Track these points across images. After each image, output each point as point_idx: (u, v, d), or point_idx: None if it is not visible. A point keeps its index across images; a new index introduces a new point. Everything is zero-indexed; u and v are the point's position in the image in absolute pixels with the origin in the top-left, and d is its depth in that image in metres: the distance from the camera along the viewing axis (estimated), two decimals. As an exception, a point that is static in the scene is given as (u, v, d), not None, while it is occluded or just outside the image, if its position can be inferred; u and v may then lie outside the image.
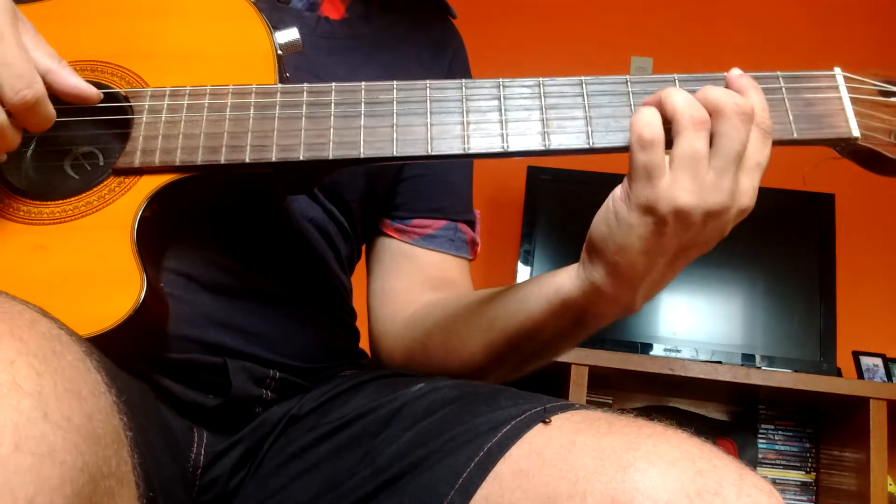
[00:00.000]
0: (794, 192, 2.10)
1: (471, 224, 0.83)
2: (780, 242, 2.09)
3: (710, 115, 0.53)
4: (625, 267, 0.54)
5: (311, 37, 0.72)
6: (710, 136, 0.53)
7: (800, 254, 2.09)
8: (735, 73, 0.56)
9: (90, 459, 0.35)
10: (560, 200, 2.13)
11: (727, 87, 0.56)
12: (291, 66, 0.65)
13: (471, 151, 0.57)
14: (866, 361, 2.02)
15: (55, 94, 0.55)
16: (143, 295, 0.53)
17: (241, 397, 0.63)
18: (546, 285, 0.60)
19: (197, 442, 0.61)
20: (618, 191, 0.55)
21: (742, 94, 0.54)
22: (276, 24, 0.63)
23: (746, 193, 0.54)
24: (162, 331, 0.59)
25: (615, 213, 0.54)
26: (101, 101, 0.59)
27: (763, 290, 2.08)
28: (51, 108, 0.54)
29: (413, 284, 0.78)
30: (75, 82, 0.56)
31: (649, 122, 0.52)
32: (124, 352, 0.53)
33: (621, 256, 0.54)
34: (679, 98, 0.53)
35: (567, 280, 0.59)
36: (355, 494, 0.54)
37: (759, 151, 0.54)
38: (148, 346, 0.59)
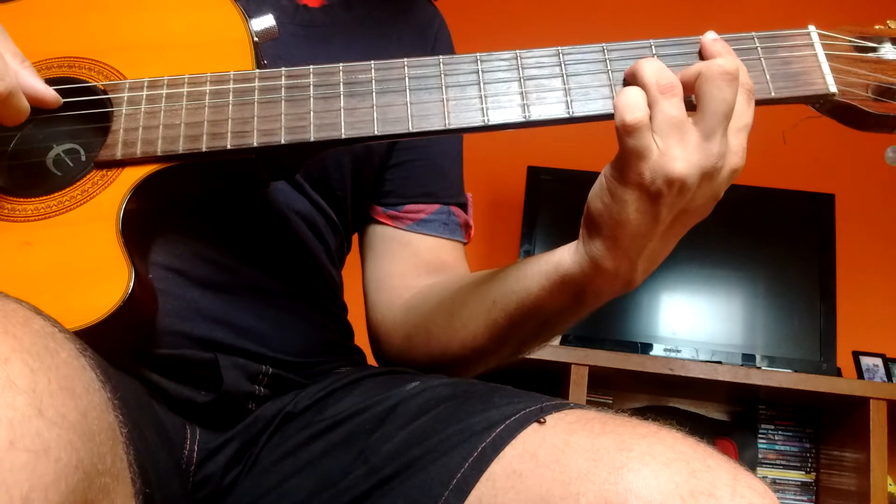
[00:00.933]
0: (794, 192, 2.10)
1: (463, 207, 0.83)
2: (780, 242, 2.09)
3: (697, 78, 0.53)
4: (623, 240, 0.54)
5: (290, 25, 0.72)
6: (697, 98, 0.53)
7: (800, 254, 2.08)
8: (709, 36, 0.57)
9: (85, 456, 0.35)
10: (560, 200, 2.12)
11: (701, 49, 0.56)
12: (271, 55, 0.65)
13: (451, 127, 0.57)
14: (866, 361, 2.01)
15: None
16: (131, 285, 0.53)
17: (233, 393, 0.63)
18: (545, 262, 0.60)
19: (190, 438, 0.61)
20: (608, 168, 0.55)
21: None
22: (253, 14, 0.64)
23: (737, 153, 0.54)
24: (151, 324, 0.59)
25: (609, 191, 0.54)
26: (80, 96, 0.59)
27: (763, 290, 2.08)
28: (24, 102, 0.54)
29: (408, 269, 0.78)
30: (34, 83, 0.56)
31: (631, 104, 0.52)
32: (115, 346, 0.53)
33: (619, 230, 0.54)
34: (648, 69, 0.53)
35: (567, 256, 0.59)
36: (350, 493, 0.54)
37: (745, 112, 0.54)
38: (138, 339, 0.59)
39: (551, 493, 0.45)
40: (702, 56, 0.57)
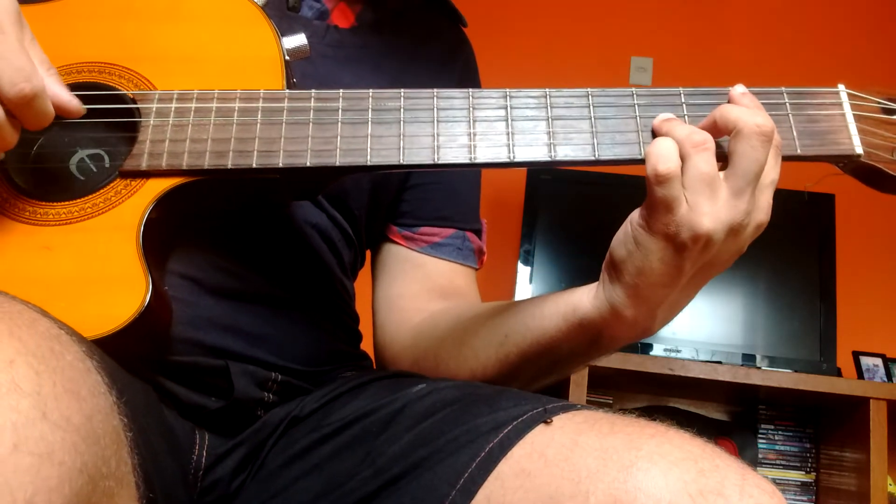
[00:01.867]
0: (794, 192, 2.10)
1: (478, 233, 0.83)
2: (780, 242, 2.09)
3: (730, 133, 0.53)
4: (644, 289, 0.54)
5: (319, 45, 0.72)
6: (728, 155, 0.53)
7: (800, 254, 2.09)
8: (739, 89, 0.56)
9: (89, 460, 0.35)
10: (560, 200, 2.12)
11: (730, 102, 0.56)
12: (299, 73, 0.65)
13: (477, 161, 0.57)
14: (866, 361, 2.02)
15: None
16: (147, 298, 0.53)
17: (244, 400, 0.63)
18: (564, 303, 0.60)
19: (199, 444, 0.61)
20: (635, 215, 0.55)
21: None
22: (284, 32, 0.63)
23: (763, 209, 0.54)
24: (165, 334, 0.59)
25: (634, 238, 0.54)
26: (109, 103, 0.59)
27: (763, 290, 2.08)
28: (49, 106, 0.53)
29: (420, 292, 0.78)
30: (58, 91, 0.55)
31: (664, 154, 0.52)
32: (128, 354, 0.53)
33: (641, 279, 0.54)
34: (679, 125, 0.53)
35: (586, 299, 0.58)
36: (356, 495, 0.54)
37: (773, 169, 0.54)
38: (151, 348, 0.59)
39: (560, 491, 0.45)
40: None
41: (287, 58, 0.62)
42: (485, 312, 0.69)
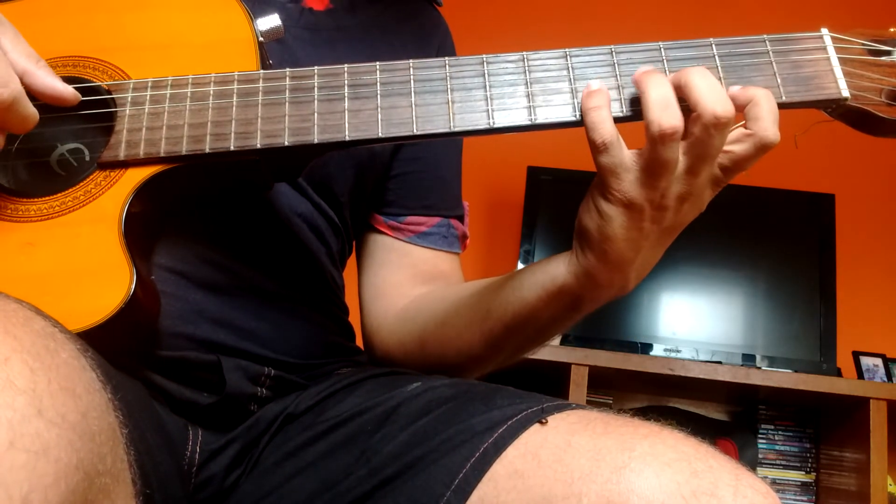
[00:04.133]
0: (794, 192, 2.10)
1: (461, 218, 0.84)
2: (780, 242, 2.09)
3: (692, 110, 0.52)
4: (613, 253, 0.56)
5: (294, 28, 0.71)
6: (684, 133, 0.53)
7: (800, 254, 2.09)
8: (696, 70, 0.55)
9: (85, 457, 0.35)
10: (560, 200, 2.12)
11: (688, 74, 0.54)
12: (275, 58, 0.65)
13: (456, 129, 0.57)
14: (866, 361, 2.01)
15: (33, 95, 0.55)
16: (132, 287, 0.53)
17: (236, 395, 0.63)
18: (542, 273, 0.62)
19: (192, 440, 0.61)
20: (595, 184, 0.56)
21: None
22: (257, 15, 0.63)
23: (718, 175, 0.55)
24: (154, 326, 0.59)
25: (595, 207, 0.55)
26: (84, 96, 0.58)
27: (763, 290, 2.08)
28: (30, 108, 0.53)
29: (405, 279, 0.79)
30: (52, 83, 0.55)
31: (604, 127, 0.53)
32: (117, 347, 0.53)
33: (608, 245, 0.55)
34: (654, 100, 0.52)
35: (563, 268, 0.60)
36: (351, 494, 0.54)
37: (723, 144, 0.54)
38: (141, 341, 0.59)
39: (553, 492, 0.45)
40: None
41: (261, 39, 0.62)
42: (465, 293, 0.70)
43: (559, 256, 0.61)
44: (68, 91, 0.56)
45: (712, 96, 0.52)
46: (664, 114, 0.52)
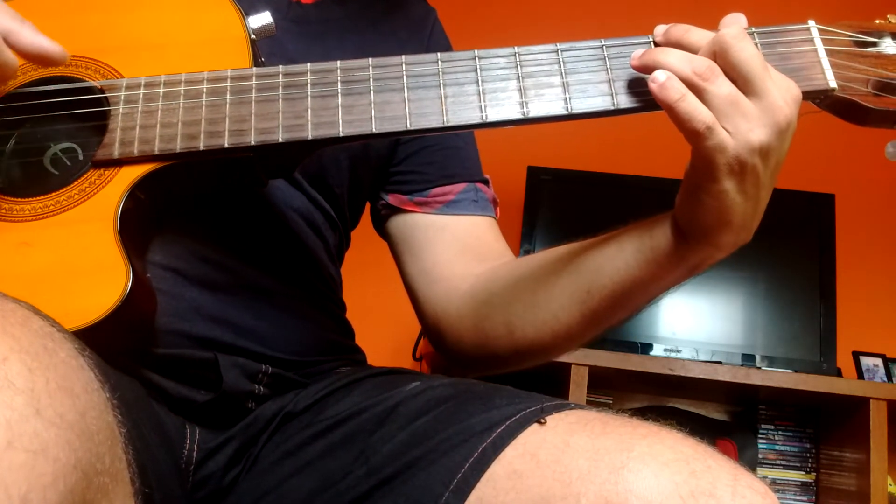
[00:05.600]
0: (794, 192, 2.09)
1: (487, 183, 0.82)
2: (780, 242, 2.08)
3: (716, 54, 0.53)
4: (735, 219, 0.56)
5: (283, 21, 0.71)
6: (733, 70, 0.53)
7: (800, 254, 2.08)
8: (661, 29, 0.58)
9: (83, 456, 0.35)
10: (560, 200, 2.12)
11: (675, 44, 0.57)
12: (265, 52, 0.65)
13: (450, 124, 0.57)
14: (866, 361, 2.01)
15: (21, 57, 0.55)
16: (129, 285, 0.53)
17: (233, 392, 0.63)
18: (650, 250, 0.61)
19: (189, 438, 0.61)
20: (691, 176, 0.56)
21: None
22: (247, 10, 0.64)
23: (786, 81, 0.55)
24: (150, 324, 0.59)
25: (705, 195, 0.55)
26: (78, 96, 0.59)
27: (763, 290, 2.08)
28: (9, 55, 0.53)
29: (454, 256, 0.76)
30: (37, 40, 0.55)
31: (698, 111, 0.52)
32: (114, 345, 0.53)
33: (730, 215, 0.55)
34: (673, 58, 0.54)
35: (682, 246, 0.59)
36: (350, 494, 0.54)
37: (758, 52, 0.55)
38: (137, 339, 0.59)
39: (552, 493, 0.45)
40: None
41: (253, 36, 0.62)
42: (552, 270, 0.68)
43: (664, 226, 0.60)
44: (55, 48, 0.56)
45: (700, 32, 0.55)
46: (691, 64, 0.53)
